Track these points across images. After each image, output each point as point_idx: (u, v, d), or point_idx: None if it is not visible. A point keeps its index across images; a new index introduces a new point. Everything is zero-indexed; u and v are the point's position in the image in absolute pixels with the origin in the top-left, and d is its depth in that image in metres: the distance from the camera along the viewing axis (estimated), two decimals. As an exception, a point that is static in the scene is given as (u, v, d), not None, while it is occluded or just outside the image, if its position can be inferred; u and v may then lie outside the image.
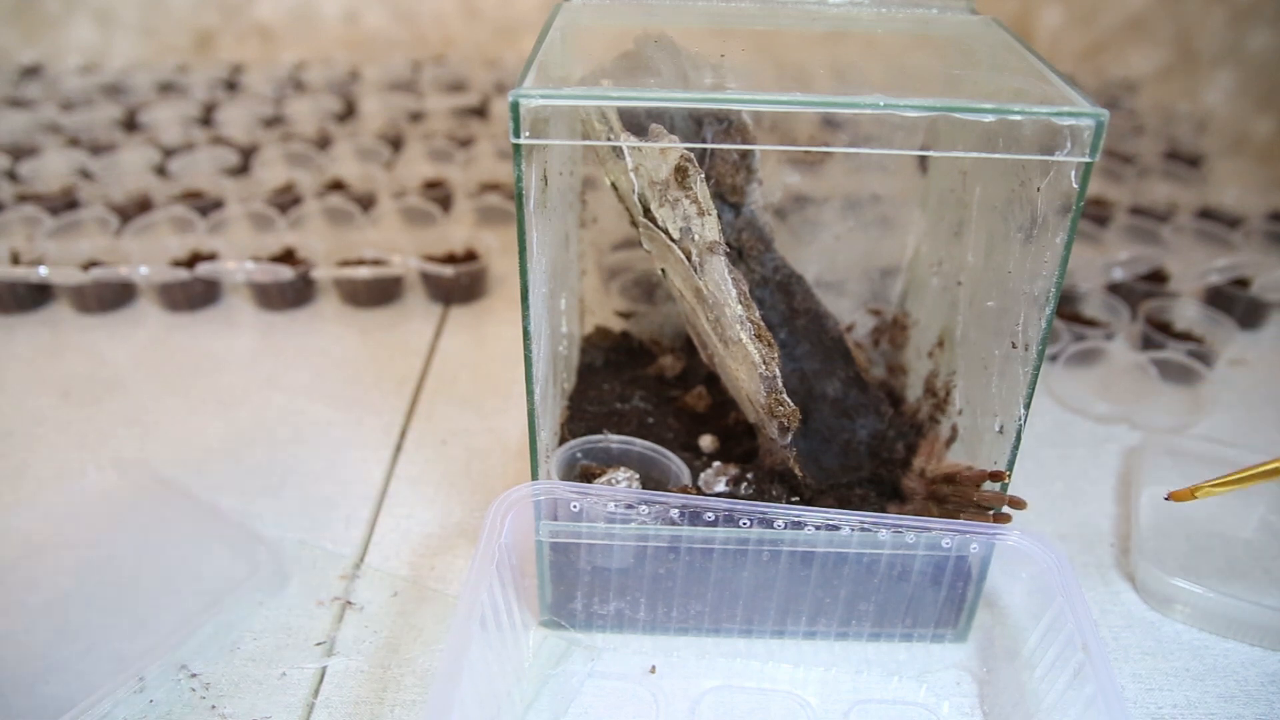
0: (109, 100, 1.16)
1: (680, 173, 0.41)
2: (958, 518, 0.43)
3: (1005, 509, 0.43)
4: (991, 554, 0.45)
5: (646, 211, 0.42)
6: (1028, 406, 0.42)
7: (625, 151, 0.41)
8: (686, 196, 0.41)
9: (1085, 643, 0.39)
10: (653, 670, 0.47)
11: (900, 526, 0.43)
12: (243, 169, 1.00)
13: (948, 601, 0.47)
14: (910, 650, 0.48)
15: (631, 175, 0.41)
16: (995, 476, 0.43)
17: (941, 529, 0.43)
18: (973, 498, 0.43)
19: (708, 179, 0.49)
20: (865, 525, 0.43)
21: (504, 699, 0.44)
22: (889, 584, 0.46)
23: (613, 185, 0.44)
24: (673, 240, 0.42)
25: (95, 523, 0.55)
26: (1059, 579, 0.42)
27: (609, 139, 0.41)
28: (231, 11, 1.35)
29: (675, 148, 0.41)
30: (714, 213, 0.42)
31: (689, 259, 0.42)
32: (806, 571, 0.46)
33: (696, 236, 0.42)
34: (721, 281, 0.42)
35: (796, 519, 0.43)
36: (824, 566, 0.45)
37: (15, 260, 0.81)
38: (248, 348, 0.75)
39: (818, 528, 0.43)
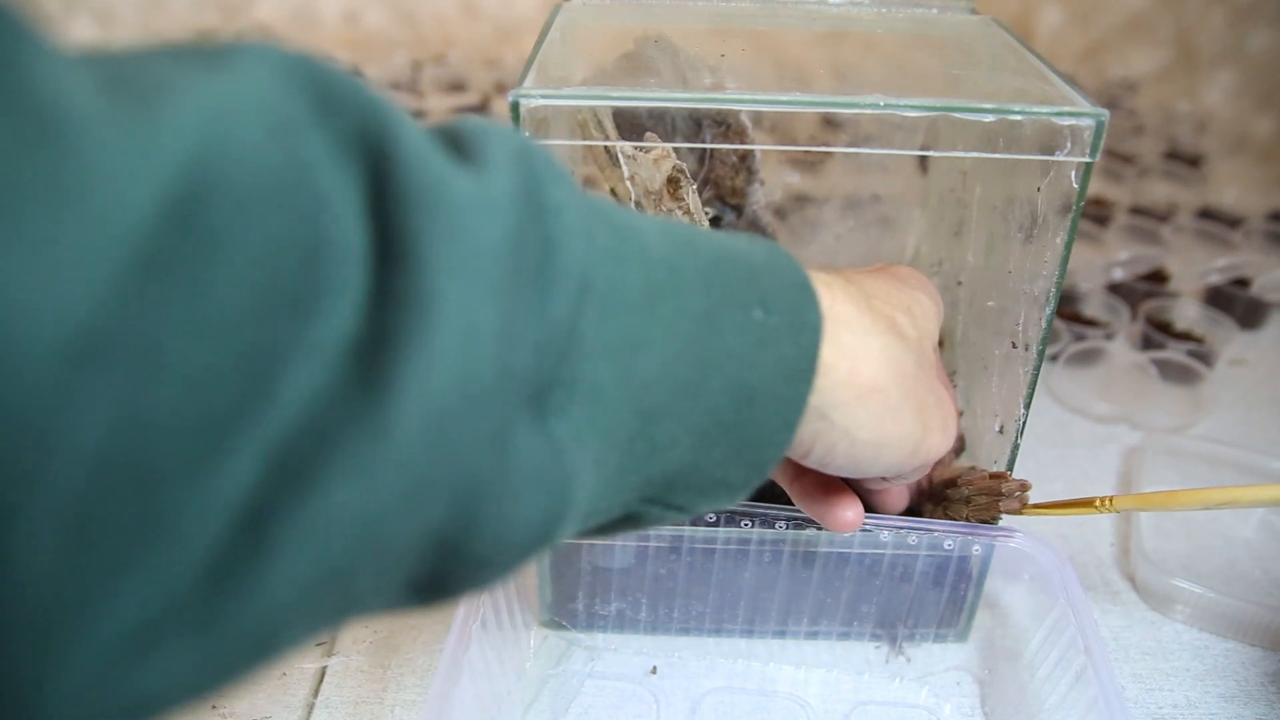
0: (109, 100, 1.16)
1: (673, 184, 0.41)
2: (962, 518, 0.43)
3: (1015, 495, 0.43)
4: (992, 554, 0.45)
5: None
6: (1028, 406, 0.42)
7: (621, 160, 0.41)
8: (679, 208, 0.41)
9: (1088, 645, 0.39)
10: (654, 671, 0.47)
11: (902, 527, 0.43)
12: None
13: (949, 602, 0.47)
14: (911, 651, 0.48)
15: (628, 184, 0.41)
16: (996, 477, 0.43)
17: (944, 530, 0.43)
18: (972, 491, 0.43)
19: (707, 182, 0.49)
20: (866, 526, 0.43)
21: (504, 699, 0.44)
22: (891, 585, 0.46)
23: (612, 191, 0.44)
24: None
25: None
26: (1061, 581, 0.42)
27: (605, 147, 0.41)
28: (231, 11, 1.35)
29: (669, 158, 0.41)
30: (706, 224, 0.42)
31: None
32: (808, 572, 0.46)
33: None
34: None
35: (798, 519, 0.43)
36: (825, 567, 0.45)
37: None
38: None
39: (819, 528, 0.43)
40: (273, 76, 0.19)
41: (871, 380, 0.30)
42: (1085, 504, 0.41)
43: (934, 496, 0.45)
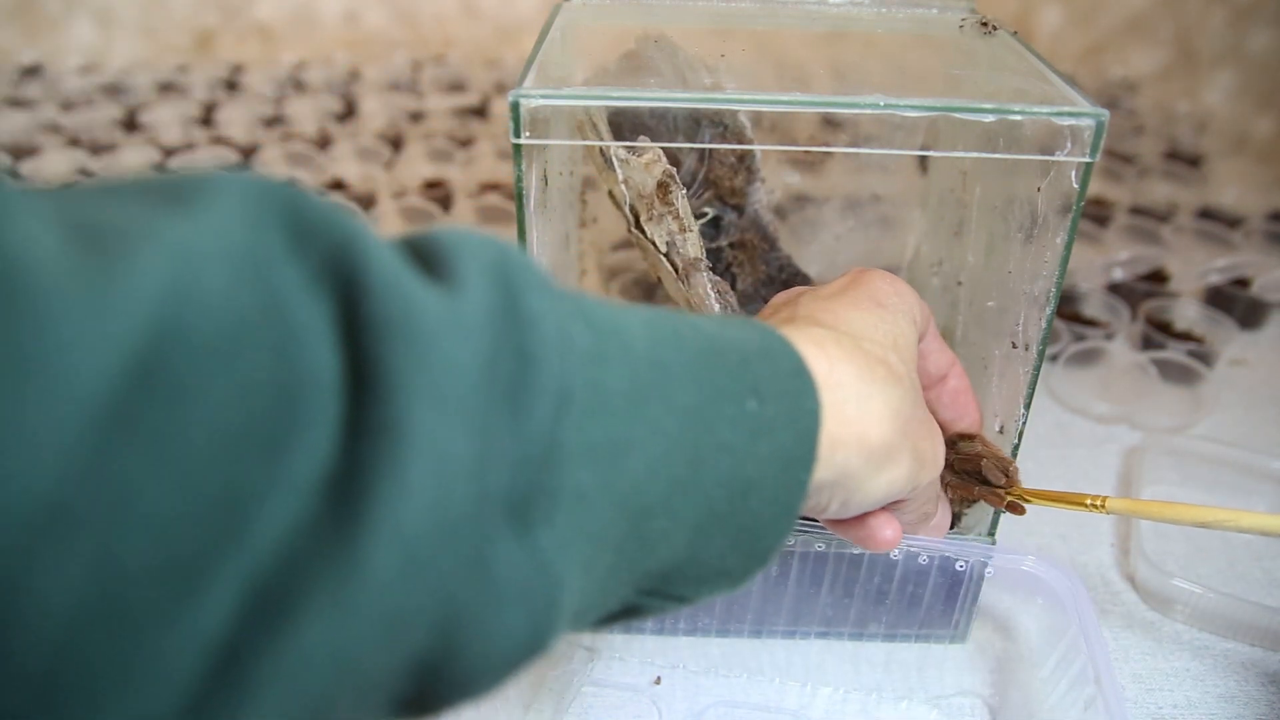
0: (109, 100, 1.16)
1: (662, 189, 0.41)
2: (963, 469, 0.42)
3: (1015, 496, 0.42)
4: (991, 558, 0.45)
5: (637, 223, 0.42)
6: (1028, 406, 0.42)
7: (615, 163, 0.41)
8: (669, 213, 0.41)
9: (1098, 675, 0.39)
10: (658, 681, 0.47)
11: (912, 544, 0.43)
12: (243, 169, 1.00)
13: (951, 610, 0.47)
14: (923, 677, 0.48)
15: (622, 187, 0.41)
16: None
17: (947, 546, 0.43)
18: (985, 449, 0.42)
19: (707, 183, 0.49)
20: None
21: (501, 699, 0.44)
22: (901, 596, 0.46)
23: (610, 194, 0.44)
24: (661, 253, 0.42)
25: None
26: (1075, 607, 0.42)
27: (600, 150, 0.41)
28: (231, 11, 1.35)
29: (659, 162, 0.40)
30: (695, 229, 0.42)
31: (676, 271, 0.42)
32: (819, 575, 0.46)
33: (680, 251, 0.42)
34: (705, 296, 0.42)
35: (803, 527, 0.43)
36: (835, 575, 0.45)
37: (15, 260, 0.81)
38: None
39: (828, 543, 0.43)
40: (243, 212, 0.19)
41: (881, 440, 0.31)
42: (1077, 500, 0.40)
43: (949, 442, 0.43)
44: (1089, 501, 0.40)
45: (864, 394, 0.30)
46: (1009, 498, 0.41)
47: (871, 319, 0.34)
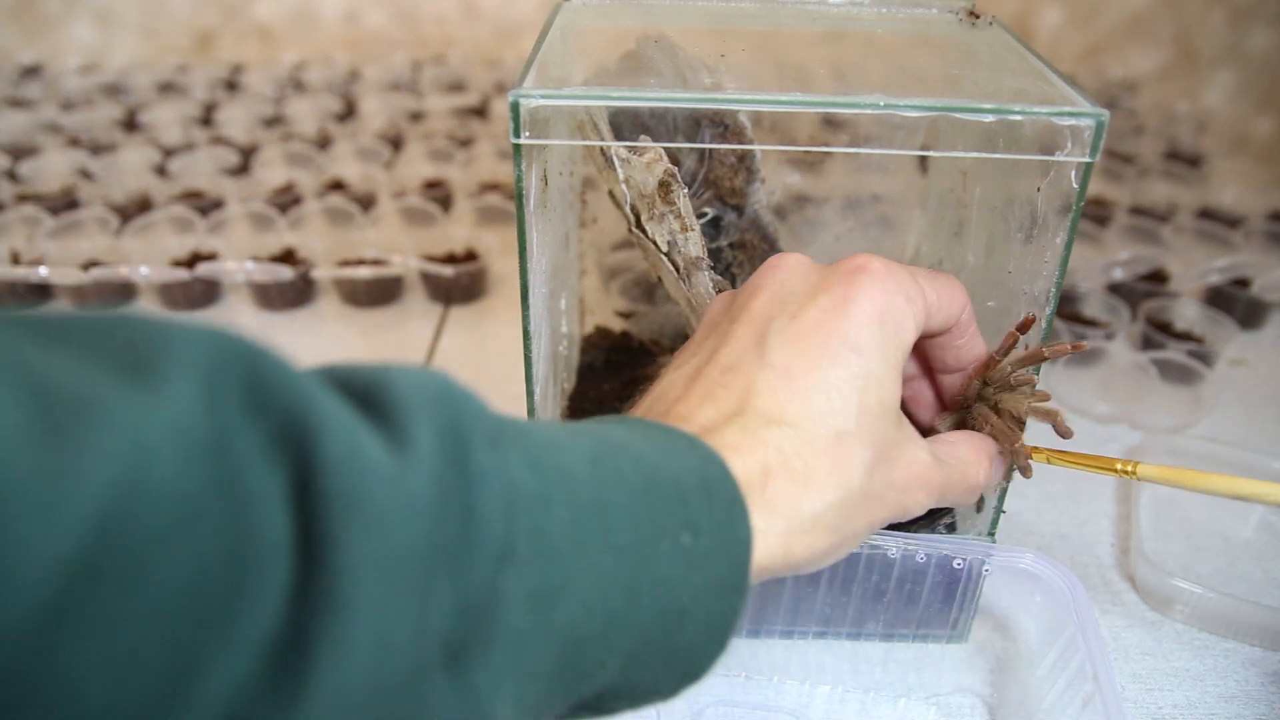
0: (109, 100, 1.16)
1: (664, 188, 0.41)
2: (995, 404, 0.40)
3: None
4: (989, 558, 0.45)
5: (638, 222, 0.42)
6: (1028, 406, 0.42)
7: (616, 163, 0.41)
8: (671, 212, 0.41)
9: (1096, 673, 0.39)
10: None
11: (911, 542, 0.43)
12: (243, 169, 1.00)
13: (949, 608, 0.47)
14: (921, 675, 0.48)
15: (623, 186, 0.41)
16: (1024, 326, 0.40)
17: (945, 544, 0.43)
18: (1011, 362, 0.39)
19: (707, 182, 0.49)
20: (875, 544, 0.43)
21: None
22: (899, 595, 0.46)
23: (610, 193, 0.44)
24: (662, 253, 0.42)
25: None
26: (1073, 605, 0.42)
27: (600, 149, 0.41)
28: (231, 11, 1.35)
29: (661, 161, 0.40)
30: (697, 229, 0.42)
31: (678, 271, 0.42)
32: (816, 573, 0.46)
33: (681, 250, 0.42)
34: (706, 296, 0.42)
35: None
36: (832, 573, 0.45)
37: (15, 260, 0.81)
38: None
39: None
40: (199, 384, 0.20)
41: (805, 555, 0.31)
42: (1107, 464, 0.39)
43: (982, 395, 0.41)
44: (1119, 466, 0.39)
45: (794, 513, 0.30)
46: (1034, 457, 0.40)
47: (838, 381, 0.32)
